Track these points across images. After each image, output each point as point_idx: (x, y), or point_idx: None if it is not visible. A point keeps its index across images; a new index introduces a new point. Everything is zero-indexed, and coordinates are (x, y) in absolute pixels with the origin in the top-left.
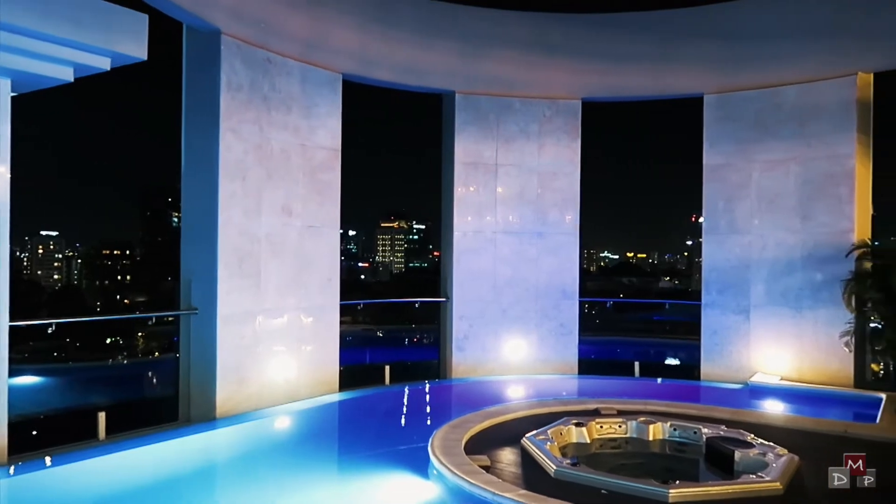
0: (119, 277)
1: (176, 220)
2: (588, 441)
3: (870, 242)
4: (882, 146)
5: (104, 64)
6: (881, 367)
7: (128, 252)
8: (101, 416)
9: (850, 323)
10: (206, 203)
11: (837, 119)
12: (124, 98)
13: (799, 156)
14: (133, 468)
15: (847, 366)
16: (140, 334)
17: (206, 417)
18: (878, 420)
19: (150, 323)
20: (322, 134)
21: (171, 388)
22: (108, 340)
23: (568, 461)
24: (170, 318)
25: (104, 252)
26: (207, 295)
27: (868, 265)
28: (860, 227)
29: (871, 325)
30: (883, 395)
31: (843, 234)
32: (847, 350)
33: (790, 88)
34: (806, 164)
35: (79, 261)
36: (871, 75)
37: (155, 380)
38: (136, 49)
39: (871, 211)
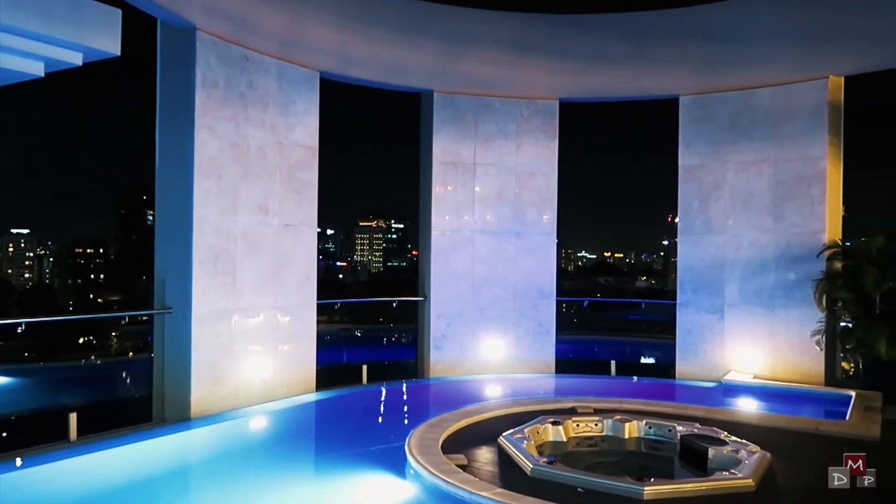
0: (92, 276)
1: (150, 218)
2: (564, 439)
3: (840, 243)
4: (852, 148)
5: (76, 59)
6: (851, 365)
7: (101, 250)
8: (73, 416)
9: (821, 322)
10: (181, 201)
11: (809, 121)
12: (99, 94)
13: (772, 157)
14: (105, 469)
15: (818, 364)
16: (114, 334)
17: (180, 417)
18: (847, 417)
19: (123, 322)
20: (299, 132)
21: (146, 389)
22: (81, 340)
23: (544, 459)
24: (144, 318)
25: (77, 250)
26: (182, 294)
27: (839, 265)
28: (831, 227)
29: (842, 324)
30: (853, 393)
31: (815, 234)
32: (818, 349)
33: (764, 91)
34: (779, 165)
35: (51, 259)
36: (842, 79)
37: (129, 380)
38: (109, 44)
39: (841, 212)
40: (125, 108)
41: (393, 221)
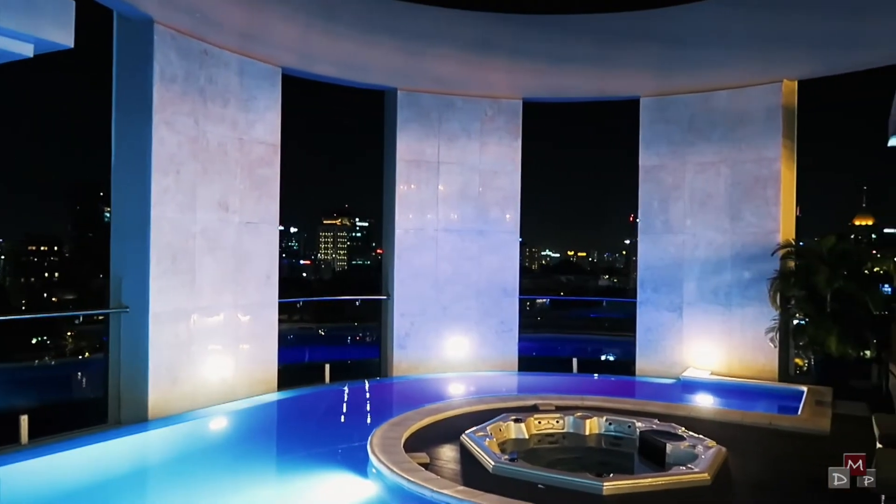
0: (46, 274)
1: (108, 215)
2: (526, 437)
3: (794, 242)
4: (805, 151)
5: (27, 50)
6: (805, 361)
7: (56, 248)
8: (24, 419)
9: (775, 320)
10: (138, 198)
11: (765, 124)
12: (53, 87)
13: (729, 158)
14: (57, 473)
15: (772, 360)
16: (69, 334)
17: (137, 419)
18: (799, 412)
19: (77, 322)
20: (261, 128)
21: (102, 390)
22: (35, 341)
23: (506, 457)
24: (100, 317)
25: (30, 248)
26: (139, 292)
27: (792, 264)
28: (785, 227)
29: (795, 321)
30: (805, 389)
31: (770, 234)
32: (772, 345)
33: (721, 93)
34: (735, 166)
35: (2, 257)
36: (796, 83)
37: (84, 381)
38: (62, 35)
39: (795, 212)
40: (81, 101)
41: (357, 219)
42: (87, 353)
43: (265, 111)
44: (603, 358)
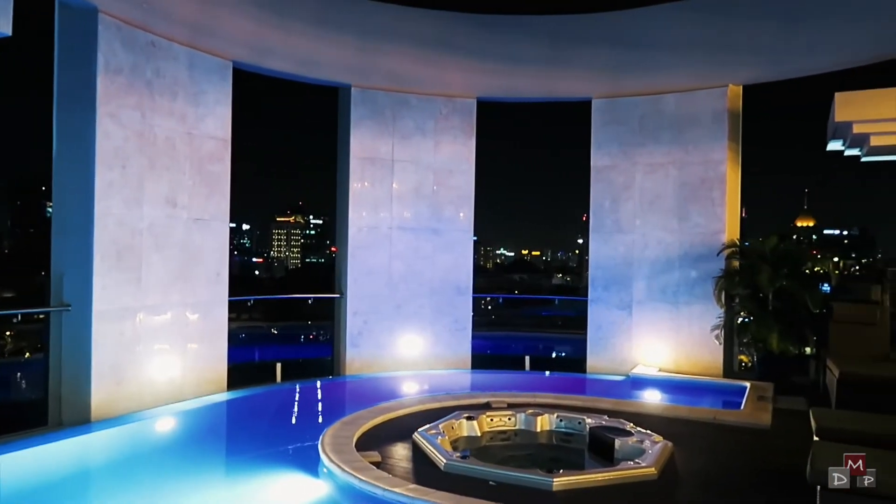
0: None
1: (50, 210)
2: (479, 434)
3: (738, 242)
4: (751, 154)
5: None
6: (749, 358)
7: None
8: None
9: (720, 317)
10: (82, 192)
11: (711, 127)
12: None
13: (677, 160)
14: None
15: (717, 357)
16: (8, 333)
17: (80, 420)
18: (742, 407)
19: (16, 321)
20: (211, 123)
21: (43, 391)
22: None
23: (458, 454)
24: (40, 316)
25: None
26: (82, 290)
27: (736, 264)
28: (730, 228)
29: (739, 319)
30: (748, 384)
31: (715, 234)
32: (717, 343)
33: (670, 96)
34: (683, 168)
35: None
36: (741, 87)
37: (24, 382)
38: (0, 23)
39: (740, 213)
40: (20, 93)
41: (312, 217)
42: (27, 354)
43: (215, 105)
44: (555, 355)
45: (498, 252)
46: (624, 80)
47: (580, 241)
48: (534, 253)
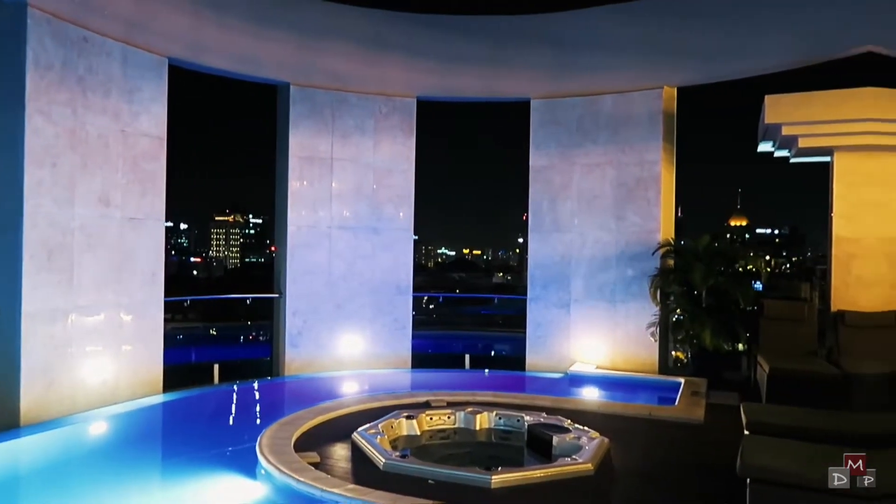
0: None
1: None
2: (418, 433)
3: (673, 241)
4: (686, 155)
5: None
6: (685, 355)
7: None
8: None
9: (655, 315)
10: (9, 191)
11: (646, 128)
12: None
13: (614, 160)
14: None
15: (653, 354)
16: None
17: (7, 425)
18: (676, 402)
19: None
20: (145, 120)
21: None
22: None
23: (397, 454)
24: None
25: None
26: (9, 291)
27: (671, 262)
28: (665, 227)
29: (674, 317)
30: (682, 380)
31: (651, 233)
32: (653, 340)
33: (607, 97)
34: (620, 168)
35: None
36: (675, 89)
37: None
38: None
39: (675, 212)
40: None
41: (251, 216)
42: None
43: (150, 103)
44: (494, 354)
45: (439, 251)
46: (562, 81)
47: (521, 240)
48: (475, 252)
